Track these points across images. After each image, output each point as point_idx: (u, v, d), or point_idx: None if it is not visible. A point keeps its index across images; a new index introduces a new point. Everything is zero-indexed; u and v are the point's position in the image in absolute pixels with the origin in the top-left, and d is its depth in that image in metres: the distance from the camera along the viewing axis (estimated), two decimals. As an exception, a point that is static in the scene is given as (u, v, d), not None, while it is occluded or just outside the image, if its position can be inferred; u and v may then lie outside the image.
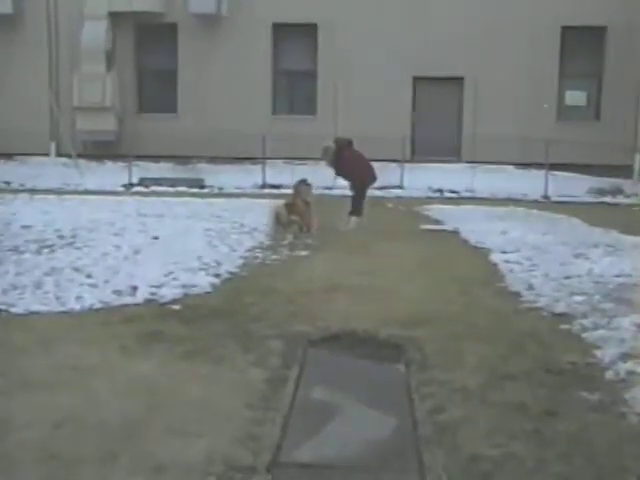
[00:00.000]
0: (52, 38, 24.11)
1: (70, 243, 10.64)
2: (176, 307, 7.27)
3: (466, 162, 22.89)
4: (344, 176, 13.30)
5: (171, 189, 20.17)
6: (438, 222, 14.33)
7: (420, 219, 14.92)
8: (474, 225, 13.49)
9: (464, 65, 23.16)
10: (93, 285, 7.98)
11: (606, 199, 20.56)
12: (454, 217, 14.87)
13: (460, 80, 23.53)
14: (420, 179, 21.32)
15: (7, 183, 20.95)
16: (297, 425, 4.70)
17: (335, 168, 13.24)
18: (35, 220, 12.77)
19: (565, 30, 23.24)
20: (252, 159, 22.38)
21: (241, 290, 8.08)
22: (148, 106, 24.62)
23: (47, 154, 24.08)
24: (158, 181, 21.20)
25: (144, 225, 12.54)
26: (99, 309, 7.16)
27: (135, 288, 7.86)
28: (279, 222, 12.26)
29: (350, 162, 13.07)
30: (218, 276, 8.68)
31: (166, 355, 5.82)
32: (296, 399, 5.12)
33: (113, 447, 4.18)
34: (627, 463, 4.18)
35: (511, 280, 8.73)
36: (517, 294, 8.04)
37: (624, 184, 21.73)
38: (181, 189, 20.33)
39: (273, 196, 17.95)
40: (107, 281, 8.15)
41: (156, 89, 24.86)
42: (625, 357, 5.71)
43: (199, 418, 4.61)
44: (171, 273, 8.61)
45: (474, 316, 7.11)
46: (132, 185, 21.09)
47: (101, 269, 8.78)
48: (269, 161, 21.88)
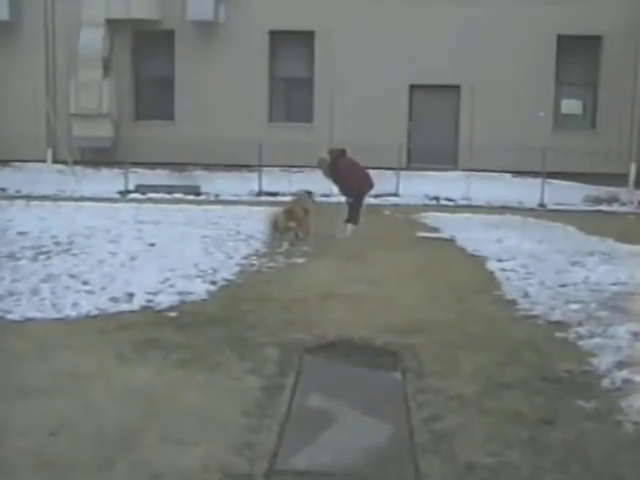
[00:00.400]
0: (49, 44, 24.10)
1: (66, 250, 10.64)
2: (172, 314, 7.27)
3: (462, 170, 22.89)
4: (341, 185, 13.32)
5: (167, 196, 20.15)
6: (434, 230, 14.33)
7: (416, 227, 14.92)
8: (470, 233, 13.50)
9: (461, 73, 23.20)
10: (89, 292, 7.98)
11: (602, 207, 20.57)
12: (450, 225, 14.88)
13: (457, 88, 23.57)
14: (416, 187, 21.34)
15: (3, 190, 20.90)
16: (293, 433, 4.70)
17: (331, 178, 13.27)
18: (31, 227, 12.76)
19: (561, 39, 23.29)
20: (248, 166, 22.37)
21: (237, 297, 8.08)
22: (145, 113, 24.62)
23: (44, 160, 24.03)
24: (154, 188, 21.17)
25: (140, 232, 12.54)
26: (95, 316, 7.16)
27: (131, 295, 7.86)
28: (276, 228, 12.23)
29: (346, 171, 13.11)
30: (214, 283, 8.68)
31: (162, 362, 5.81)
32: (292, 407, 5.12)
33: (109, 454, 4.18)
34: (623, 471, 4.18)
35: (507, 288, 8.74)
36: (513, 302, 8.06)
37: (620, 192, 21.74)
38: (177, 196, 20.30)
39: (269, 204, 17.96)
40: (103, 288, 8.16)
41: (153, 96, 24.86)
42: (621, 365, 5.71)
43: (195, 426, 4.61)
44: (167, 280, 8.61)
45: (470, 324, 7.12)
46: (128, 192, 21.06)
47: (97, 276, 8.78)
48: (265, 169, 21.88)
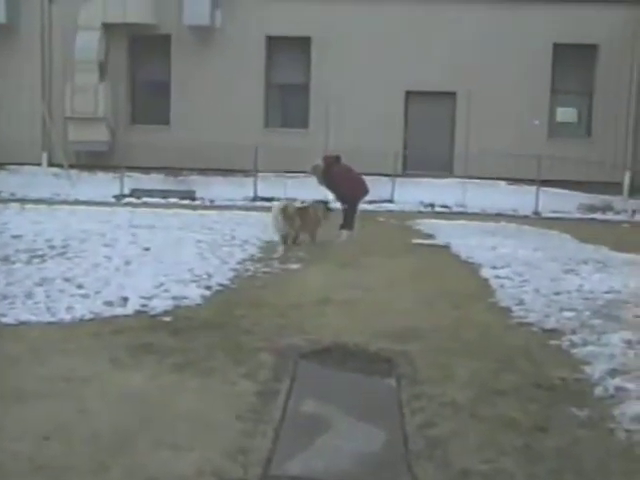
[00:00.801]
0: (45, 48, 24.11)
1: (61, 253, 10.63)
2: (167, 319, 7.26)
3: (458, 177, 22.94)
4: (335, 192, 13.35)
5: (162, 200, 20.18)
6: (429, 237, 14.36)
7: (411, 233, 14.94)
8: (465, 240, 13.53)
9: (456, 80, 23.25)
10: (84, 296, 7.97)
11: (596, 216, 20.66)
12: (445, 232, 14.91)
13: (452, 95, 23.63)
14: (412, 193, 21.39)
15: (-2, 192, 20.93)
16: (288, 438, 4.70)
17: (326, 185, 13.30)
18: (26, 230, 12.76)
19: (557, 47, 23.38)
20: (244, 172, 22.39)
21: (232, 302, 8.08)
22: (140, 117, 24.64)
23: (39, 164, 24.02)
24: (149, 192, 21.19)
25: (135, 236, 12.54)
26: (90, 320, 7.14)
27: (126, 299, 7.85)
28: (285, 214, 12.27)
29: (340, 177, 13.16)
30: (209, 288, 8.68)
31: (157, 367, 5.81)
32: (287, 412, 5.12)
33: (104, 459, 4.17)
34: (616, 479, 4.20)
35: (501, 295, 8.75)
36: (507, 309, 8.07)
37: (614, 201, 21.84)
38: (172, 201, 20.33)
39: (264, 209, 17.97)
40: (98, 292, 8.14)
41: (149, 100, 24.88)
42: (614, 373, 5.73)
43: (190, 430, 4.61)
44: (162, 285, 8.61)
45: (465, 331, 7.13)
46: (123, 196, 21.08)
47: (92, 280, 8.77)
48: (261, 174, 21.91)
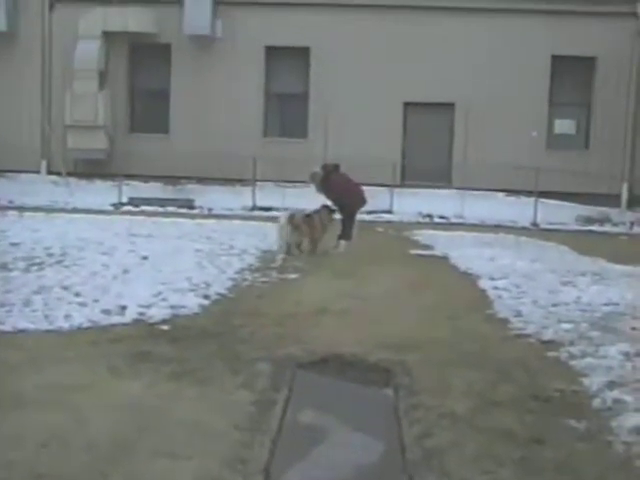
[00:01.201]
0: (45, 56, 24.14)
1: (59, 261, 10.63)
2: (165, 327, 7.26)
3: (456, 188, 22.96)
4: (334, 201, 13.34)
5: (161, 209, 20.17)
6: (427, 247, 14.36)
7: (409, 244, 14.95)
8: (463, 251, 13.54)
9: (455, 92, 23.31)
10: (82, 304, 7.96)
11: (594, 227, 20.69)
12: (443, 243, 14.91)
13: (451, 106, 23.68)
14: (410, 204, 21.40)
15: (-4, 200, 20.90)
16: (285, 448, 4.70)
17: (325, 193, 13.30)
18: (24, 238, 12.75)
19: (555, 59, 23.45)
20: (242, 181, 22.42)
21: (230, 312, 8.08)
22: (140, 126, 24.65)
23: (38, 172, 24.03)
24: (148, 201, 21.19)
25: (133, 245, 12.54)
26: (88, 328, 7.14)
27: (124, 308, 7.85)
28: (291, 222, 12.35)
29: (339, 186, 13.16)
30: (207, 297, 8.68)
31: (154, 376, 5.80)
32: (284, 422, 5.12)
33: (102, 467, 4.16)
34: (613, 491, 4.20)
35: (499, 306, 8.75)
36: (505, 320, 8.07)
37: (612, 213, 21.87)
38: (171, 209, 20.33)
39: (263, 218, 18.00)
40: (96, 300, 8.13)
41: (148, 109, 24.92)
42: (612, 385, 5.73)
43: (187, 439, 4.60)
44: (160, 293, 8.60)
45: (463, 342, 7.13)
46: (122, 204, 21.07)
47: (90, 288, 8.76)
48: (259, 183, 21.92)
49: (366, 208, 14.33)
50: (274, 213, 19.52)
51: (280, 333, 7.23)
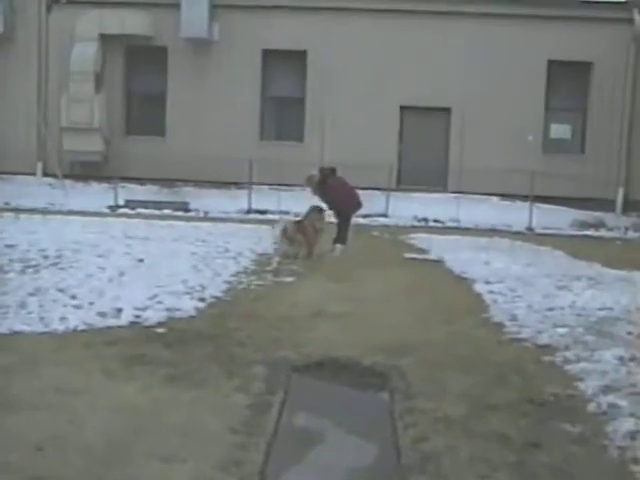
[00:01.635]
0: (42, 58, 24.12)
1: (55, 263, 10.61)
2: (160, 330, 7.26)
3: (452, 192, 23.01)
4: (329, 204, 13.35)
5: (156, 212, 20.15)
6: (423, 251, 14.37)
7: (405, 248, 14.95)
8: (458, 255, 13.54)
9: (451, 96, 23.36)
10: (77, 306, 7.95)
11: (589, 232, 20.71)
12: (439, 246, 14.92)
13: (447, 111, 23.72)
14: (405, 208, 21.43)
15: (-8, 202, 20.88)
16: (281, 451, 4.70)
17: (320, 197, 13.30)
18: (20, 240, 12.72)
19: (551, 64, 23.51)
20: (238, 184, 22.43)
21: (225, 315, 8.07)
22: (136, 128, 24.65)
23: (33, 174, 24.00)
24: (144, 203, 21.19)
25: (129, 247, 12.53)
26: (83, 331, 7.13)
27: (119, 310, 7.84)
28: (285, 235, 12.38)
29: (335, 190, 13.16)
30: (203, 300, 8.68)
31: (150, 378, 5.80)
32: (280, 425, 5.12)
33: (97, 470, 4.16)
34: (608, 496, 4.21)
35: (495, 311, 8.76)
36: (500, 325, 8.07)
37: (607, 217, 21.91)
38: (166, 212, 20.32)
39: (258, 221, 18.01)
40: (91, 303, 8.12)
41: (144, 112, 24.93)
42: (607, 390, 5.74)
43: (183, 442, 4.60)
44: (156, 296, 8.59)
45: (458, 346, 7.13)
46: (118, 207, 21.06)
47: (86, 290, 8.75)
48: (255, 186, 21.93)
49: (362, 212, 14.35)
50: (270, 216, 19.64)
51: (276, 336, 7.23)
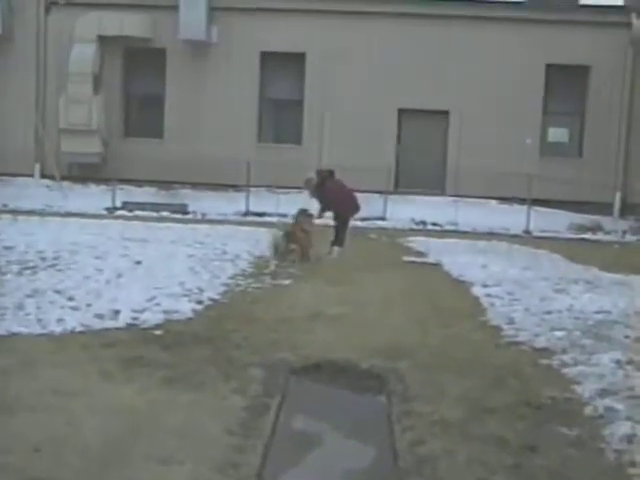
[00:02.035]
0: (40, 59, 24.10)
1: (52, 265, 10.60)
2: (158, 332, 7.26)
3: (450, 195, 23.02)
4: (327, 206, 13.34)
5: (154, 214, 20.15)
6: (421, 254, 14.37)
7: (403, 251, 14.96)
8: (456, 258, 13.54)
9: (449, 99, 23.37)
10: (75, 308, 7.95)
11: (586, 236, 20.72)
12: (437, 250, 14.92)
13: (445, 114, 23.73)
14: (403, 211, 21.43)
15: (-11, 203, 20.87)
16: (278, 453, 4.70)
17: (318, 199, 13.30)
18: (17, 241, 12.71)
19: (549, 68, 23.54)
20: (236, 186, 22.42)
21: (223, 317, 8.07)
22: (134, 130, 24.64)
23: (31, 175, 23.97)
24: (141, 205, 21.18)
25: (127, 249, 12.51)
26: (80, 332, 7.13)
27: (117, 312, 7.84)
28: (279, 251, 12.49)
29: (333, 192, 13.16)
30: (200, 302, 8.67)
31: (147, 380, 5.80)
32: (277, 427, 5.12)
33: (95, 472, 4.16)
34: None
35: (492, 314, 8.76)
36: (498, 328, 8.08)
37: (604, 221, 21.93)
38: (164, 214, 20.32)
39: (256, 224, 18.01)
40: (89, 304, 8.12)
41: (142, 113, 24.93)
42: (604, 393, 5.74)
43: (180, 444, 4.60)
44: (153, 298, 8.59)
45: (455, 349, 7.13)
46: (115, 209, 21.06)
47: (83, 292, 8.75)
48: (253, 189, 21.93)
49: (360, 214, 14.34)
50: (268, 219, 19.65)
51: (273, 339, 7.23)
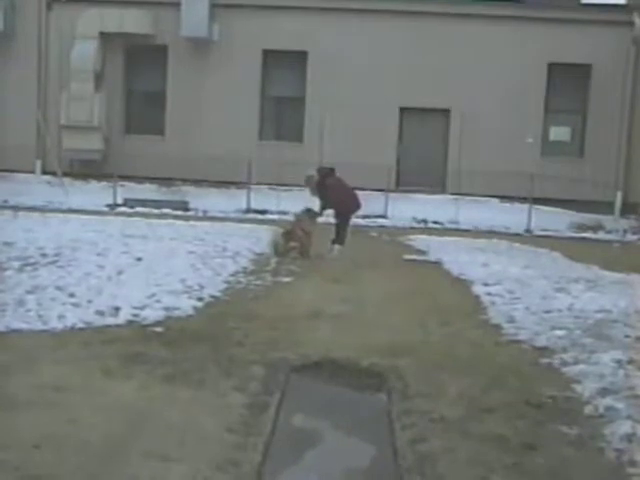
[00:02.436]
0: (42, 56, 24.09)
1: (53, 262, 10.59)
2: (158, 329, 7.26)
3: (451, 194, 23.01)
4: (328, 204, 13.34)
5: (155, 211, 20.13)
6: (421, 252, 14.37)
7: (403, 249, 14.96)
8: (457, 256, 13.55)
9: (451, 98, 23.35)
10: (76, 305, 7.95)
11: (587, 235, 20.71)
12: (437, 248, 14.92)
13: (446, 112, 23.71)
14: (404, 209, 21.42)
15: (-10, 200, 20.86)
16: (278, 451, 4.70)
17: (319, 196, 13.30)
18: (18, 237, 12.71)
19: (551, 66, 23.52)
20: (237, 184, 22.41)
21: (224, 314, 8.07)
22: (135, 127, 24.62)
23: (32, 171, 23.97)
24: (142, 202, 21.16)
25: (128, 246, 12.51)
26: (81, 329, 7.13)
27: (118, 309, 7.84)
28: (277, 252, 12.51)
29: (333, 190, 13.15)
30: (201, 300, 8.67)
31: (147, 377, 5.80)
32: (277, 425, 5.12)
33: (94, 469, 4.16)
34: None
35: (493, 312, 8.76)
36: (498, 326, 8.08)
37: (605, 220, 21.91)
38: (165, 211, 20.28)
39: (257, 221, 18.02)
40: (90, 301, 8.12)
41: (144, 110, 24.89)
42: (604, 392, 5.74)
43: (180, 442, 4.60)
44: (154, 295, 8.59)
45: (456, 347, 7.14)
46: (116, 205, 21.04)
47: (84, 289, 8.74)
48: (254, 186, 21.92)
49: (360, 213, 14.34)
50: (269, 216, 19.67)
51: (274, 336, 7.23)
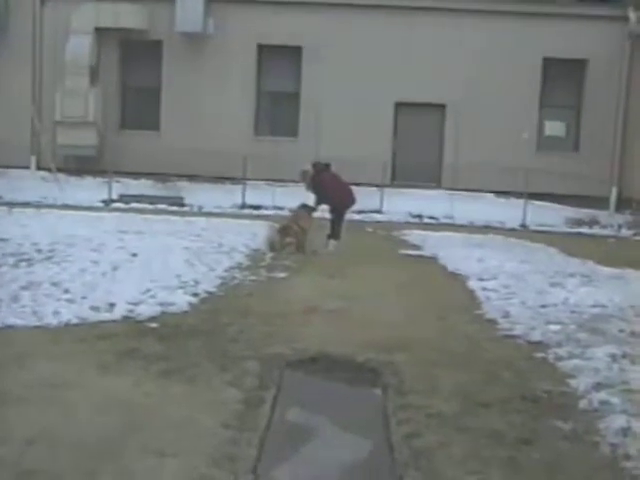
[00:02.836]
0: (36, 51, 24.00)
1: (48, 257, 10.58)
2: (153, 325, 7.25)
3: (446, 189, 23.03)
4: (323, 199, 13.34)
5: (150, 206, 20.14)
6: (416, 247, 14.38)
7: (399, 244, 14.97)
8: (452, 251, 13.56)
9: (446, 93, 23.34)
10: (70, 300, 7.93)
11: (583, 230, 20.77)
12: (433, 243, 14.93)
13: (442, 107, 23.72)
14: (400, 204, 21.44)
15: (-15, 195, 20.83)
16: (274, 446, 4.70)
17: (314, 191, 13.29)
18: (13, 233, 12.69)
19: (546, 61, 23.53)
20: (233, 179, 22.41)
21: (219, 310, 8.07)
22: (130, 122, 24.58)
23: (27, 167, 23.92)
24: (138, 198, 21.16)
25: (123, 242, 12.50)
26: (76, 325, 7.12)
27: (112, 305, 7.82)
28: (273, 248, 12.52)
29: (328, 185, 13.15)
30: (196, 295, 8.66)
31: (142, 373, 5.79)
32: (272, 421, 5.12)
33: (90, 464, 4.15)
34: (599, 493, 4.22)
35: (488, 307, 8.77)
36: (493, 321, 8.09)
37: (600, 215, 21.98)
38: (161, 207, 20.30)
39: (253, 217, 18.01)
40: (85, 297, 8.11)
41: (139, 106, 24.83)
42: (599, 387, 5.75)
43: (175, 437, 4.59)
44: (149, 291, 8.58)
45: (451, 342, 7.15)
46: (112, 201, 21.04)
47: (79, 285, 8.73)
48: (250, 182, 21.91)
49: (356, 208, 14.35)
50: (264, 212, 19.66)
51: (269, 332, 7.23)
